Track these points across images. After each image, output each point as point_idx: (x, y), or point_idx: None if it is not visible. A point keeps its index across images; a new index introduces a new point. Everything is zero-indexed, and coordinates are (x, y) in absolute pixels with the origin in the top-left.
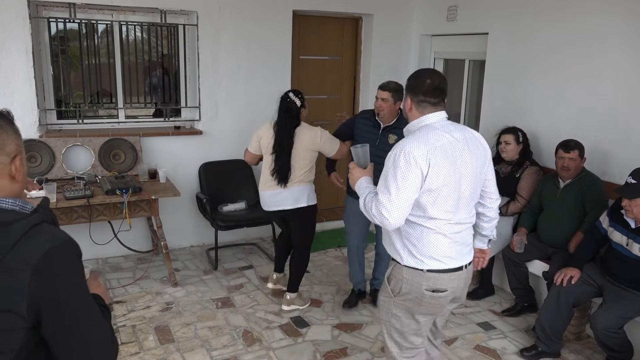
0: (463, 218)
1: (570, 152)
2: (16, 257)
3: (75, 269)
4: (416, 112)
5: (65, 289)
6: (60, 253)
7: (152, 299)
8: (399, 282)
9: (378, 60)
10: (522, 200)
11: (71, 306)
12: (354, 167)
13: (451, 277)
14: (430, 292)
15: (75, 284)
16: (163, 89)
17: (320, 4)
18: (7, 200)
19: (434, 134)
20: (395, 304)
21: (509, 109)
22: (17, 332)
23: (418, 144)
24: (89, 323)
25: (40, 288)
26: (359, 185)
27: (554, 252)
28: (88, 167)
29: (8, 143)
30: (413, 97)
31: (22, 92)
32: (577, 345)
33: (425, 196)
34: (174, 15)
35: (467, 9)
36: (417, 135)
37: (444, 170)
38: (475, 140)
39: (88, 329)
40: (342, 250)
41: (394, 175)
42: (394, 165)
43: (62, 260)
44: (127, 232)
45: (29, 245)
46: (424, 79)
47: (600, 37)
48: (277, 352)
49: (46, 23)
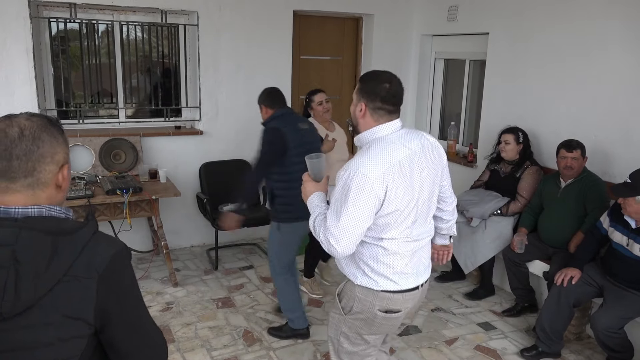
0: (420, 233)
1: (573, 151)
2: (83, 264)
3: (133, 273)
4: (370, 120)
5: (129, 293)
6: (122, 259)
7: (152, 299)
8: (351, 301)
9: (379, 61)
10: (522, 200)
11: (135, 309)
12: (308, 180)
13: (406, 297)
14: (382, 312)
15: (136, 287)
16: (163, 89)
17: (320, 4)
18: (56, 209)
19: (389, 149)
20: (345, 322)
21: (510, 109)
22: (82, 339)
23: (374, 164)
24: (150, 324)
25: (107, 294)
26: (311, 202)
27: (555, 252)
28: (89, 167)
29: (58, 152)
30: (369, 102)
31: (22, 92)
32: (578, 346)
33: (381, 219)
34: (175, 15)
35: (468, 9)
36: (371, 152)
37: (402, 191)
38: (430, 147)
39: (150, 330)
40: None
41: (345, 199)
42: (345, 188)
43: (124, 265)
44: (128, 232)
45: (94, 252)
46: (382, 83)
47: (600, 37)
48: (278, 352)
49: (47, 23)
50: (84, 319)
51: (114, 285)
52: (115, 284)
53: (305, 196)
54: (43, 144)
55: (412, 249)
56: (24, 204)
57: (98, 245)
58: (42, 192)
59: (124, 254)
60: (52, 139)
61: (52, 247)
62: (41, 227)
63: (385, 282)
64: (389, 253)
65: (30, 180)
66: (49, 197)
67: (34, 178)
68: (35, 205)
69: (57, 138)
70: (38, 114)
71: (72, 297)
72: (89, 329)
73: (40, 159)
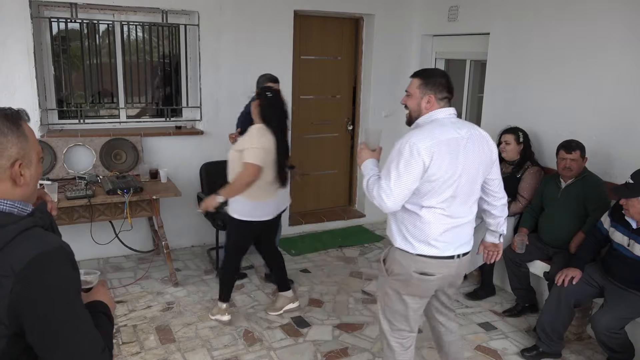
0: (459, 212)
1: (572, 152)
2: (2, 262)
3: (63, 276)
4: (436, 105)
5: (49, 296)
6: (47, 260)
7: (153, 299)
8: (392, 263)
9: (379, 61)
10: (523, 201)
11: (55, 314)
12: (364, 148)
13: (439, 264)
14: (418, 274)
15: (61, 292)
16: (164, 89)
17: (321, 4)
18: (5, 202)
19: (440, 129)
20: (388, 283)
21: (510, 109)
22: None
23: (424, 137)
24: (74, 332)
25: (22, 295)
26: (365, 166)
27: (555, 252)
28: (89, 167)
29: (8, 147)
30: (437, 93)
31: (23, 92)
32: (578, 346)
33: (424, 185)
34: (175, 15)
35: (468, 9)
36: (424, 128)
37: (445, 163)
38: (481, 138)
39: (73, 338)
40: (343, 251)
41: (397, 163)
42: (398, 154)
43: (48, 267)
44: (128, 232)
45: (16, 250)
46: (442, 77)
47: (601, 37)
48: (278, 352)
49: (47, 23)
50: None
51: (31, 287)
52: (34, 286)
53: (361, 160)
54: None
55: (449, 223)
56: None
57: (23, 243)
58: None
59: (50, 256)
60: (0, 136)
61: None
62: None
63: (420, 246)
64: (425, 221)
65: None
66: (3, 191)
67: None
68: None
69: (5, 134)
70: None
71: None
72: (5, 329)
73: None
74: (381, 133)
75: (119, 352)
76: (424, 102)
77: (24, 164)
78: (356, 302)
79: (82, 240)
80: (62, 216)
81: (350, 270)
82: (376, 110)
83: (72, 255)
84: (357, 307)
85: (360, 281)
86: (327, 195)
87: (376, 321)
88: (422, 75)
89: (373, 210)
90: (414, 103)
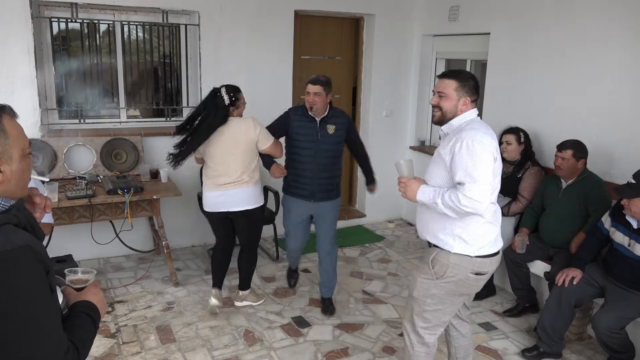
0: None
1: (562, 151)
2: None
3: (26, 275)
4: (470, 107)
5: (8, 294)
6: (8, 259)
7: (153, 299)
8: (444, 267)
9: (380, 60)
10: (523, 201)
11: (15, 312)
12: (409, 179)
13: (492, 261)
14: (474, 275)
15: (23, 290)
16: (165, 89)
17: (321, 4)
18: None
19: (485, 127)
20: (436, 286)
21: (511, 109)
22: None
23: (484, 133)
24: (35, 331)
25: None
26: (425, 192)
27: (556, 252)
28: (90, 166)
29: None
30: (471, 96)
31: (23, 91)
32: (579, 346)
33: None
34: (176, 15)
35: (469, 9)
36: (476, 126)
37: (499, 159)
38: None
39: (33, 337)
40: (343, 251)
41: (474, 163)
42: (470, 154)
43: (7, 266)
44: (129, 232)
45: None
46: (474, 80)
47: (602, 36)
48: (279, 352)
49: (48, 23)
50: None
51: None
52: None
53: (414, 192)
54: None
55: (497, 216)
56: None
57: None
58: None
59: (13, 254)
60: None
61: None
62: None
63: (481, 247)
64: (486, 221)
65: None
66: None
67: None
68: None
69: None
70: None
71: None
72: None
73: None
74: (412, 162)
75: (119, 352)
76: (460, 104)
77: (3, 160)
78: (357, 302)
79: (83, 240)
80: (63, 216)
81: (351, 270)
82: (376, 110)
83: (42, 255)
84: (358, 307)
85: (361, 281)
86: None
87: (376, 321)
88: (458, 77)
89: (373, 210)
90: (450, 104)
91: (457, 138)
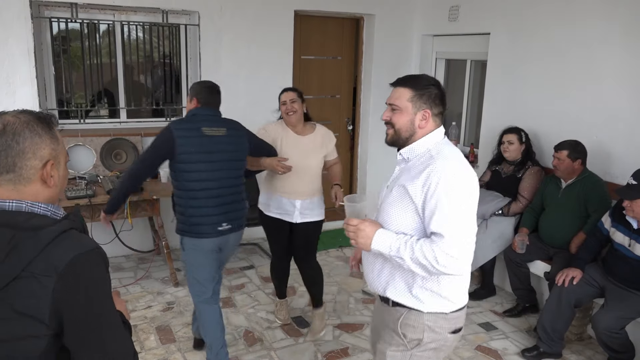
0: None
1: (558, 151)
2: (43, 262)
3: (101, 278)
4: (433, 126)
5: (89, 297)
6: (86, 261)
7: (153, 299)
8: (418, 332)
9: (379, 61)
10: (523, 201)
11: (94, 315)
12: (360, 222)
13: (465, 312)
14: (452, 334)
15: (99, 293)
16: (164, 89)
17: (321, 4)
18: (40, 205)
19: (457, 151)
20: (412, 357)
21: (511, 109)
22: (39, 339)
23: (463, 165)
24: (111, 334)
25: (64, 295)
26: (384, 241)
27: (556, 252)
28: (90, 166)
29: (41, 148)
30: (433, 108)
31: (23, 91)
32: (579, 346)
33: None
34: (176, 15)
35: (469, 9)
36: (448, 152)
37: (477, 194)
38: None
39: (109, 339)
40: (343, 251)
41: (455, 208)
42: (449, 197)
43: (88, 268)
44: (129, 232)
45: (56, 251)
46: (436, 87)
47: (601, 36)
48: (279, 352)
49: (48, 23)
50: (39, 318)
51: (72, 287)
52: (75, 285)
53: (368, 239)
54: (24, 140)
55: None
56: (7, 198)
57: (62, 244)
58: (25, 187)
59: (89, 257)
60: (35, 135)
61: (12, 242)
62: (7, 221)
63: (458, 299)
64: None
65: (11, 175)
66: (34, 193)
67: (15, 174)
68: (17, 199)
69: (40, 135)
70: (29, 111)
71: (28, 295)
72: (46, 330)
73: (20, 154)
74: (365, 197)
75: None
76: (418, 119)
77: (54, 165)
78: (356, 302)
79: None
80: None
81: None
82: (377, 111)
83: (107, 258)
84: (358, 307)
85: (361, 281)
86: (326, 196)
87: None
88: (413, 84)
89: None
90: (405, 120)
91: (431, 172)
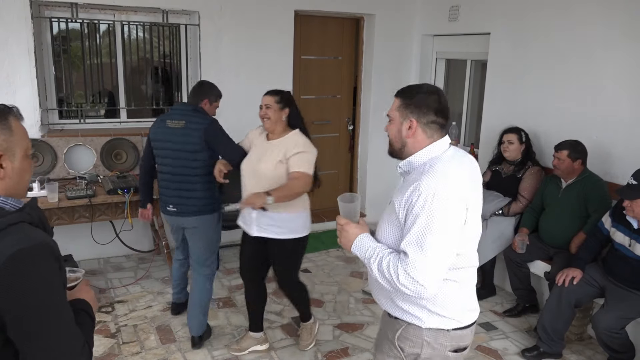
0: (475, 260)
1: (558, 151)
2: None
3: (45, 271)
4: (423, 137)
5: (30, 290)
6: (29, 255)
7: (153, 299)
8: (417, 347)
9: (380, 61)
10: (523, 201)
11: (35, 309)
12: (347, 223)
13: (472, 331)
14: (453, 352)
15: (43, 286)
16: (165, 89)
17: (321, 4)
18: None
19: (454, 166)
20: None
21: (511, 109)
22: None
23: (451, 183)
24: (55, 325)
25: (4, 288)
26: (361, 246)
27: (556, 252)
28: (90, 166)
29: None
30: (420, 117)
31: (24, 91)
32: (579, 346)
33: (461, 246)
34: (176, 15)
35: (469, 9)
36: (439, 171)
37: (477, 211)
38: (476, 167)
39: (54, 331)
40: (343, 250)
41: (429, 227)
42: (426, 215)
43: (30, 262)
44: (129, 232)
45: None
46: (431, 94)
47: (601, 37)
48: (279, 352)
49: (48, 23)
50: None
51: (11, 281)
52: (14, 280)
53: (349, 240)
54: None
55: (474, 277)
56: None
57: (7, 237)
58: None
59: (34, 251)
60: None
61: None
62: None
63: (458, 317)
64: (462, 286)
65: None
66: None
67: None
68: None
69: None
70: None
71: None
72: None
73: None
74: (358, 199)
75: (119, 352)
76: (404, 129)
77: (5, 157)
78: (357, 302)
79: (83, 240)
80: (63, 216)
81: (351, 270)
82: (377, 110)
83: (57, 252)
84: (358, 307)
85: (361, 281)
86: (327, 195)
87: (376, 321)
88: (403, 93)
89: (374, 210)
90: (394, 130)
91: (415, 189)
